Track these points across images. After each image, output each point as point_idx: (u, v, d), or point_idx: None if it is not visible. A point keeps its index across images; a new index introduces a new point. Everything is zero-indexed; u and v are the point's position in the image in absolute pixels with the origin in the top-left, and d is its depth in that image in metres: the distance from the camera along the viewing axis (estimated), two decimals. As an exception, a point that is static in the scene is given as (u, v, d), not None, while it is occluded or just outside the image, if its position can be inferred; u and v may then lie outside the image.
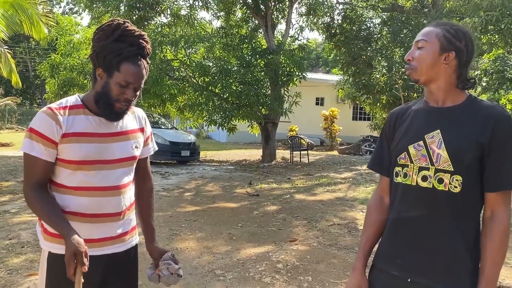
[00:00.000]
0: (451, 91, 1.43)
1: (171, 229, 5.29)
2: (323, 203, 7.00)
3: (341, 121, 19.76)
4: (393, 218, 1.49)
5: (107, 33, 1.56)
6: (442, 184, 1.36)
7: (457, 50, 1.40)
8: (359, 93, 14.95)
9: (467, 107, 1.41)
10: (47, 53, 18.44)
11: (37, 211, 1.55)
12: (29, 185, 1.56)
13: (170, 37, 12.02)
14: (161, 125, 13.50)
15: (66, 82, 13.14)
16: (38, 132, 1.53)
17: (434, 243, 1.38)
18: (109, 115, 1.61)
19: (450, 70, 1.41)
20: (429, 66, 1.41)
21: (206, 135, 25.28)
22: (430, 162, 1.39)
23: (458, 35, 1.41)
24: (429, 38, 1.42)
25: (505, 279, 3.83)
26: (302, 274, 3.92)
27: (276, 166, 12.27)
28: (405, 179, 1.45)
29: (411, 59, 1.45)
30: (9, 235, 4.87)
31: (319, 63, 41.34)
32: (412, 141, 1.44)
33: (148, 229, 1.85)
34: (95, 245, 1.61)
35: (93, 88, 1.64)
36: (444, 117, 1.42)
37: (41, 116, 1.55)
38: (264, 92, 11.99)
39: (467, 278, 1.35)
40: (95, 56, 1.57)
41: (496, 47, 11.87)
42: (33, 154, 1.54)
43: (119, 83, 1.55)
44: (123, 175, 1.67)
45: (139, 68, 1.57)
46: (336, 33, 14.15)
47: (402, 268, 1.43)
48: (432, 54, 1.40)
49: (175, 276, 1.77)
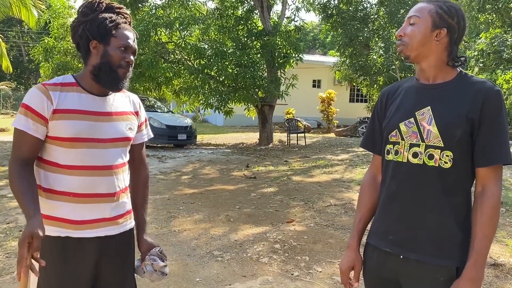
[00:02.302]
0: (442, 68, 1.43)
1: (169, 212, 5.31)
2: (320, 184, 7.03)
3: (338, 103, 19.72)
4: (385, 196, 1.50)
5: (92, 7, 1.61)
6: (433, 160, 1.37)
7: (449, 27, 1.39)
8: (356, 75, 14.91)
9: (458, 83, 1.40)
10: (40, 37, 18.18)
11: (12, 188, 1.50)
12: (14, 160, 1.53)
13: (165, 19, 11.87)
14: (157, 109, 13.43)
15: (60, 66, 13.00)
16: (28, 107, 1.52)
17: (425, 219, 1.38)
18: (112, 83, 1.60)
19: (441, 47, 1.41)
20: (420, 42, 1.40)
21: (202, 118, 25.22)
22: (420, 139, 1.40)
23: (450, 12, 1.40)
24: (422, 14, 1.41)
25: (500, 257, 3.88)
26: (299, 254, 3.95)
27: (273, 149, 12.27)
28: (396, 157, 1.45)
29: (403, 35, 1.44)
30: (7, 219, 4.88)
31: (316, 45, 41.05)
32: (403, 119, 1.44)
33: (139, 220, 1.80)
34: (88, 227, 1.58)
35: (86, 66, 1.62)
36: (434, 93, 1.42)
37: (33, 91, 1.55)
38: (261, 75, 11.91)
39: (456, 252, 1.36)
40: (86, 29, 1.58)
41: (494, 27, 11.79)
42: (21, 128, 1.52)
43: (118, 47, 1.59)
44: (117, 156, 1.64)
45: (133, 32, 1.65)
46: (333, 14, 14.01)
47: (394, 244, 1.43)
48: (424, 30, 1.40)
49: (159, 274, 1.71)
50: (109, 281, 1.66)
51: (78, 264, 1.58)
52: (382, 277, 1.49)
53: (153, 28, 11.50)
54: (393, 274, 1.45)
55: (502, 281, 3.43)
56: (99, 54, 1.59)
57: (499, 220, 4.95)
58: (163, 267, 1.72)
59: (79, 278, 1.59)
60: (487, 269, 3.64)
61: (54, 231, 1.56)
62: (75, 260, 1.58)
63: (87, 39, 1.59)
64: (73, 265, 1.57)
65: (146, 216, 1.84)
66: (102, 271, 1.64)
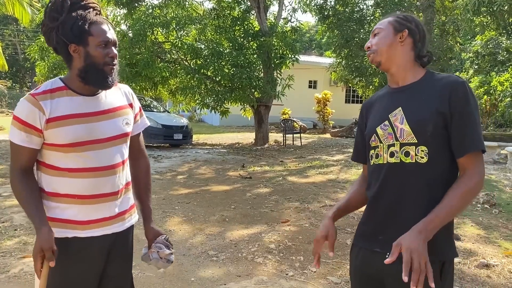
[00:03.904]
0: (410, 69, 1.52)
1: (164, 211, 5.32)
2: (315, 185, 7.06)
3: (334, 104, 19.77)
4: (370, 198, 1.55)
5: (58, 9, 1.52)
6: (409, 157, 1.42)
7: (409, 28, 1.52)
8: (352, 76, 14.92)
9: (426, 81, 1.49)
10: (36, 36, 18.11)
11: (17, 197, 1.54)
12: (14, 169, 1.56)
13: (161, 18, 11.86)
14: (153, 108, 13.42)
15: (56, 64, 12.92)
16: (20, 120, 1.51)
17: (411, 216, 1.40)
18: (102, 83, 1.58)
19: (407, 47, 1.52)
20: (387, 46, 1.51)
21: (199, 118, 25.19)
22: (395, 138, 1.46)
23: (407, 18, 1.55)
24: (383, 25, 1.55)
25: (492, 258, 3.92)
26: (294, 254, 3.98)
27: (268, 149, 12.29)
28: (377, 160, 1.51)
29: (370, 46, 1.56)
30: (2, 218, 4.86)
31: (312, 45, 41.12)
32: (379, 123, 1.52)
33: (144, 209, 1.82)
34: (95, 226, 1.60)
35: (70, 70, 1.59)
36: (405, 94, 1.50)
37: (23, 103, 1.52)
38: (257, 75, 11.93)
39: (441, 246, 1.38)
40: (60, 34, 1.52)
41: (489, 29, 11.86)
42: (16, 142, 1.53)
43: (98, 45, 1.53)
44: (117, 153, 1.64)
45: (108, 25, 1.58)
46: (329, 15, 14.03)
47: (384, 243, 1.45)
48: (388, 35, 1.52)
49: (164, 261, 1.74)
50: (113, 275, 1.68)
51: (87, 263, 1.60)
52: (367, 274, 1.52)
53: (149, 28, 11.48)
54: (378, 273, 1.47)
55: (494, 281, 3.46)
56: (82, 57, 1.54)
57: (491, 221, 5.01)
58: (169, 254, 1.75)
59: (87, 277, 1.61)
60: (479, 269, 3.68)
61: (61, 233, 1.57)
62: (83, 260, 1.60)
63: (64, 44, 1.53)
64: (81, 265, 1.59)
65: (151, 204, 1.85)
66: (108, 266, 1.66)
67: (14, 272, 3.42)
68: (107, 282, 1.67)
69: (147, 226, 1.81)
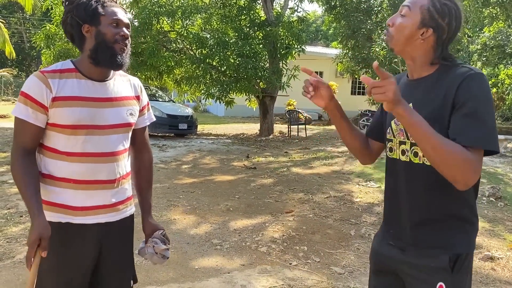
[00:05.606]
0: (427, 63, 1.39)
1: (169, 200, 5.34)
2: (320, 176, 7.05)
3: (340, 95, 19.66)
4: (386, 190, 1.55)
5: None
6: (417, 157, 1.38)
7: (436, 27, 1.33)
8: (358, 67, 14.82)
9: (438, 75, 1.36)
10: (42, 24, 18.09)
11: (15, 178, 1.53)
12: (17, 150, 1.55)
13: (167, 7, 11.79)
14: (158, 98, 13.42)
15: (62, 53, 12.91)
16: (27, 95, 1.52)
17: (418, 214, 1.39)
18: (111, 61, 1.58)
19: (427, 46, 1.36)
20: (405, 38, 1.36)
21: (204, 108, 25.18)
22: (406, 137, 1.41)
23: (443, 11, 1.33)
24: (413, 8, 1.35)
25: (497, 250, 3.90)
26: (298, 244, 3.98)
27: (273, 140, 12.28)
28: (391, 154, 1.49)
29: (391, 24, 1.40)
30: (7, 204, 4.90)
31: (318, 36, 40.81)
32: (393, 116, 1.44)
33: (144, 203, 1.82)
34: (89, 213, 1.60)
35: (82, 52, 1.61)
36: (417, 89, 1.40)
37: (31, 79, 1.54)
38: (262, 65, 11.86)
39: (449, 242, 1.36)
40: (75, 15, 1.57)
41: (498, 21, 11.71)
42: (21, 117, 1.53)
43: (109, 24, 1.57)
44: (117, 142, 1.64)
45: (120, 8, 1.63)
46: (336, 5, 13.89)
47: (394, 238, 1.47)
48: (411, 26, 1.35)
49: (159, 256, 1.73)
50: (110, 267, 1.68)
51: (79, 249, 1.60)
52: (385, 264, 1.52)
53: (155, 17, 11.42)
54: (393, 265, 1.47)
55: (499, 274, 3.45)
56: (93, 36, 1.57)
57: (497, 214, 4.99)
58: (164, 250, 1.74)
59: (79, 264, 1.61)
60: (484, 262, 3.67)
61: (55, 217, 1.57)
62: (76, 246, 1.59)
63: (77, 25, 1.57)
64: (74, 251, 1.59)
65: (151, 200, 1.85)
66: (103, 257, 1.65)
67: (19, 258, 3.45)
68: (104, 271, 1.66)
69: (145, 220, 1.81)
